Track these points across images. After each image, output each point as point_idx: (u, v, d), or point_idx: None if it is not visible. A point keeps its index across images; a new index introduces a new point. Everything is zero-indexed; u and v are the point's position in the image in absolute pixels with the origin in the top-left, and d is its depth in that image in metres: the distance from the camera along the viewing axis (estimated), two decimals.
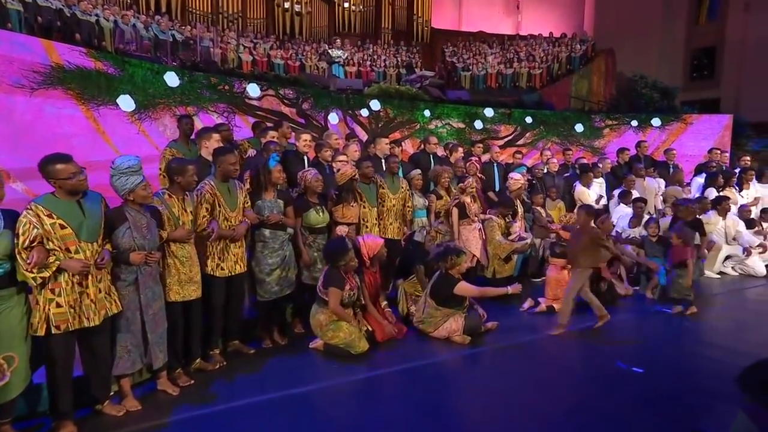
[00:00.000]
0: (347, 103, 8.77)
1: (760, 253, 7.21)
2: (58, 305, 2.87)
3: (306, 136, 5.62)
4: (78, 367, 3.13)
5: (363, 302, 4.49)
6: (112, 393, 3.31)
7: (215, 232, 3.77)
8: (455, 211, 5.65)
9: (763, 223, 7.39)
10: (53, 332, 2.87)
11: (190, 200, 3.69)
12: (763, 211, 7.42)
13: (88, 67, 6.90)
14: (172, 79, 7.06)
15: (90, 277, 2.96)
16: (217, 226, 3.81)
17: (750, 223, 7.27)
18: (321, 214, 4.73)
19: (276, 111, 8.14)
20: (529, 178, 7.14)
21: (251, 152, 5.15)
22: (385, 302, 4.79)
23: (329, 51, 13.84)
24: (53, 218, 2.84)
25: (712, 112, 13.71)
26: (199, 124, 7.36)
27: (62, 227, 2.86)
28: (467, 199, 5.72)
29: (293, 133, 6.10)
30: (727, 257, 7.35)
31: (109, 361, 3.21)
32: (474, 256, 5.66)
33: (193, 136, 5.15)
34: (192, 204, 3.70)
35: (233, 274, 3.99)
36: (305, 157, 5.59)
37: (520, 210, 6.34)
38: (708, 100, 19.54)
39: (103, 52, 7.13)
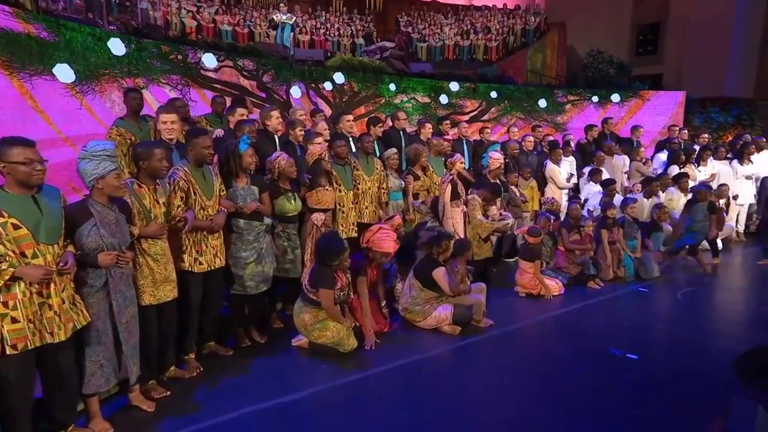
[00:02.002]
0: (310, 75, 8.24)
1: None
2: (14, 320, 2.41)
3: (276, 113, 5.17)
4: (37, 388, 2.69)
5: (351, 298, 4.19)
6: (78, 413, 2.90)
7: (189, 222, 3.36)
8: (448, 189, 5.41)
9: (720, 200, 7.63)
10: (8, 353, 2.40)
11: (162, 190, 3.25)
12: (722, 185, 7.65)
13: (16, 30, 6.00)
14: (116, 46, 6.29)
15: (53, 285, 2.52)
16: (192, 216, 3.40)
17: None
18: (293, 201, 4.36)
19: (235, 84, 7.52)
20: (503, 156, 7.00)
21: (218, 132, 4.65)
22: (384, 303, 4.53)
23: (274, 16, 13.00)
24: (3, 217, 2.37)
25: (655, 88, 14.12)
26: (150, 98, 6.72)
27: (15, 227, 2.39)
28: (456, 177, 5.50)
29: (258, 111, 5.60)
30: None
31: (76, 379, 2.78)
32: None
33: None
34: (165, 194, 3.26)
35: (212, 268, 3.63)
36: (276, 138, 5.15)
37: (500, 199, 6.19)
38: (651, 76, 20.21)
39: (34, 14, 6.22)
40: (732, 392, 3.33)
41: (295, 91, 7.99)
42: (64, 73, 6.03)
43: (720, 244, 7.18)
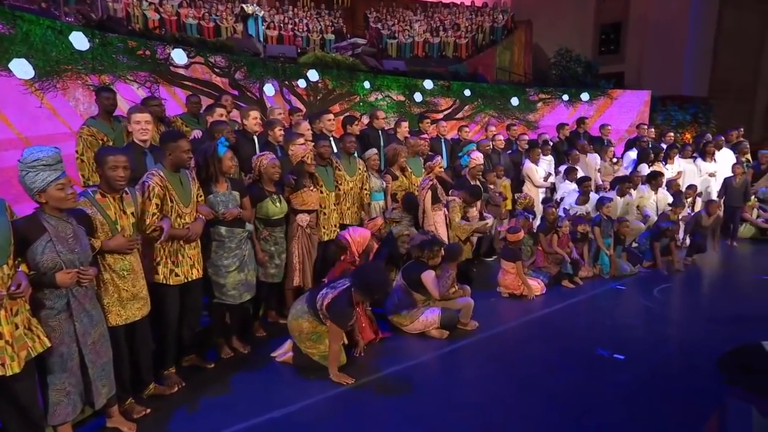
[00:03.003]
0: (283, 73, 8.03)
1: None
2: None
3: (255, 113, 5.00)
4: None
5: None
6: None
7: (165, 231, 3.15)
8: (428, 196, 5.35)
9: (687, 198, 7.87)
10: None
11: (131, 199, 2.99)
12: (689, 187, 7.89)
13: None
14: (79, 40, 5.94)
15: (2, 311, 2.23)
16: (168, 225, 3.19)
17: (677, 196, 7.70)
18: (279, 203, 4.21)
19: (206, 81, 7.24)
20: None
21: (196, 134, 4.44)
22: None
23: (243, 6, 12.62)
24: None
25: (618, 87, 14.49)
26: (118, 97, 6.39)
27: None
28: (436, 181, 5.44)
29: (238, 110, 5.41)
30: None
31: (38, 408, 2.54)
32: None
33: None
34: (133, 203, 3.00)
35: (189, 280, 3.43)
36: (255, 138, 4.98)
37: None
38: (614, 74, 20.75)
39: None
40: (720, 392, 3.44)
41: (269, 89, 7.78)
42: (21, 68, 5.67)
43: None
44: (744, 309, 5.19)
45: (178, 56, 6.77)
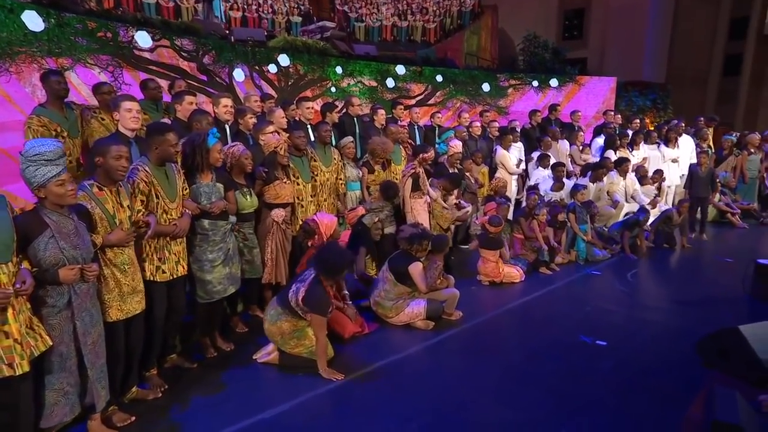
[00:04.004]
0: (253, 57, 7.75)
1: (651, 209, 7.93)
2: None
3: (226, 101, 4.81)
4: None
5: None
6: None
7: (152, 227, 3.02)
8: (408, 183, 5.28)
9: (654, 183, 8.10)
10: None
11: (126, 191, 2.91)
12: (655, 172, 8.12)
13: None
14: (33, 20, 5.52)
15: (10, 309, 2.19)
16: (155, 221, 3.06)
17: (642, 180, 7.92)
18: (249, 197, 4.05)
19: (173, 66, 6.89)
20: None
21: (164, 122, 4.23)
22: (346, 292, 4.33)
23: None
24: None
25: (582, 73, 14.73)
26: (76, 81, 6.02)
27: None
28: (421, 170, 5.38)
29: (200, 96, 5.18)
30: (626, 214, 7.98)
31: (32, 412, 2.42)
32: None
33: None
34: (128, 195, 2.93)
35: (175, 276, 3.30)
36: (227, 127, 4.78)
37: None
38: (578, 60, 21.09)
39: None
40: (700, 376, 3.56)
41: (238, 74, 7.50)
42: None
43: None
44: (712, 291, 5.41)
45: (142, 39, 6.42)
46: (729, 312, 4.80)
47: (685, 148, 9.00)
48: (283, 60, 7.99)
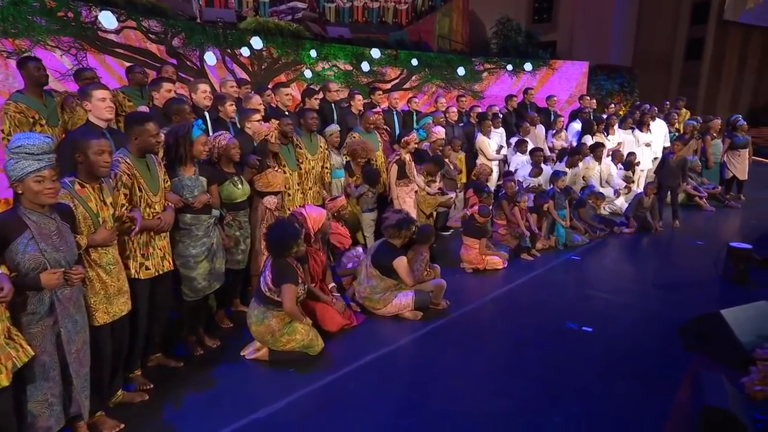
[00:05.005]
0: (225, 40, 7.45)
1: (625, 194, 8.11)
2: None
3: (205, 87, 4.61)
4: None
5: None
6: None
7: (138, 223, 2.88)
8: (394, 170, 5.21)
9: (638, 165, 8.27)
10: None
11: (108, 188, 2.73)
12: (629, 154, 8.28)
13: None
14: None
15: None
16: (140, 216, 2.91)
17: (627, 165, 8.06)
18: (240, 185, 3.95)
19: (141, 49, 6.54)
20: None
21: (141, 109, 4.01)
22: (333, 285, 4.26)
23: None
24: None
25: (552, 57, 14.82)
26: None
27: None
28: (407, 157, 5.30)
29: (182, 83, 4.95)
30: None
31: (14, 427, 2.27)
32: None
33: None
34: (110, 193, 2.76)
35: (160, 273, 3.17)
36: (206, 114, 4.59)
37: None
38: (547, 43, 21.23)
39: None
40: (684, 359, 3.66)
41: (210, 58, 7.21)
42: None
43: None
44: (686, 275, 5.58)
45: (107, 20, 6.05)
46: (704, 294, 4.95)
47: (658, 132, 9.21)
48: (256, 43, 7.72)
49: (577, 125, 8.78)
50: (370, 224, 5.48)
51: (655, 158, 8.93)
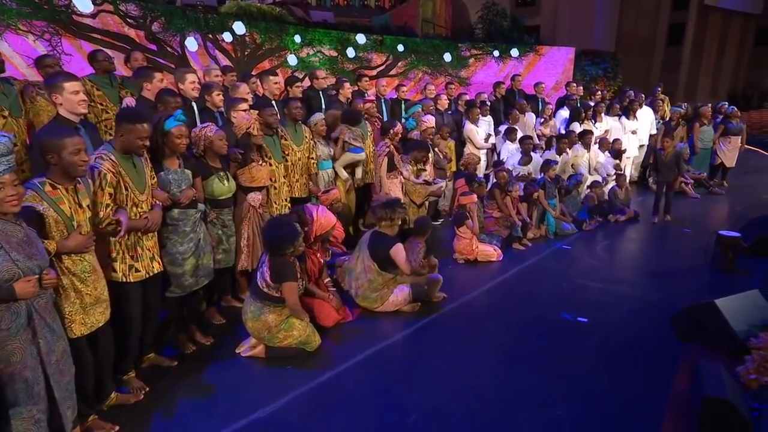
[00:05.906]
0: (206, 24, 7.20)
1: (614, 180, 8.13)
2: None
3: (193, 77, 4.42)
4: None
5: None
6: None
7: (124, 224, 2.74)
8: (384, 162, 5.11)
9: (624, 152, 8.29)
10: None
11: (85, 189, 2.56)
12: (615, 140, 8.29)
13: None
14: None
15: None
16: (126, 217, 2.77)
17: (615, 153, 8.07)
18: (226, 182, 3.80)
19: (118, 34, 6.28)
20: None
21: (128, 102, 3.84)
22: (328, 279, 4.18)
23: None
24: None
25: (536, 42, 14.77)
26: (7, 50, 5.39)
27: None
28: (393, 148, 5.21)
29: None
30: (588, 186, 8.15)
31: None
32: None
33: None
34: (88, 194, 2.58)
35: (150, 274, 3.05)
36: (194, 105, 4.42)
37: (430, 154, 6.06)
38: (531, 28, 21.13)
39: None
40: (678, 348, 3.69)
41: (191, 43, 6.97)
42: None
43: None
44: (675, 263, 5.63)
45: (81, 3, 5.78)
46: (694, 283, 5.01)
47: (644, 120, 9.24)
48: (239, 28, 7.49)
49: (564, 113, 8.75)
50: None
51: (641, 146, 8.97)
